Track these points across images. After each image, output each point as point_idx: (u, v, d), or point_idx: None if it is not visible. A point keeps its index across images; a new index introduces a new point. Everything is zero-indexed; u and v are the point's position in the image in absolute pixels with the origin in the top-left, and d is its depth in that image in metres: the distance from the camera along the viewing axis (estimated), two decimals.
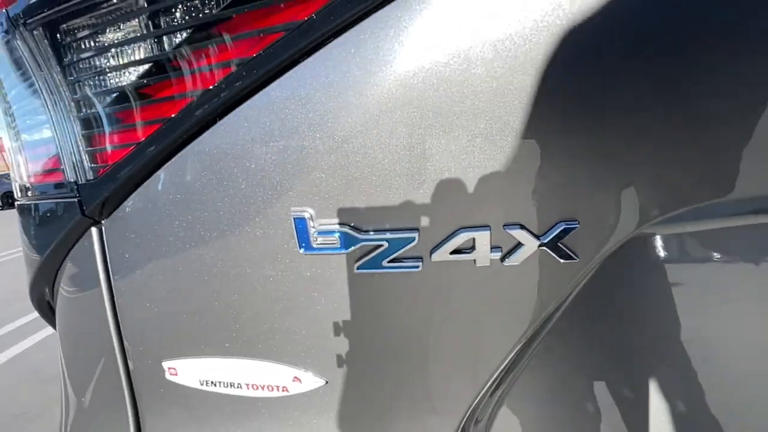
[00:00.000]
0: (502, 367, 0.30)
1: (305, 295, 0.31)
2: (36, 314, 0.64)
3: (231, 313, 0.33)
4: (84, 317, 0.41)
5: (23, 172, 0.41)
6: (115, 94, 0.32)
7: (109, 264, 0.35)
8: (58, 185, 0.35)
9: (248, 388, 0.34)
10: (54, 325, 0.55)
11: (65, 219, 0.36)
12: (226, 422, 0.35)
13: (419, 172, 0.26)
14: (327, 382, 0.32)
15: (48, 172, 0.37)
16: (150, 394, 0.37)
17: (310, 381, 0.32)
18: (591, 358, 0.32)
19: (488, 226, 0.27)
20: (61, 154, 0.33)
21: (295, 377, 0.32)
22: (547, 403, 0.32)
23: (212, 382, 0.34)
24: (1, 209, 14.69)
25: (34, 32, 0.31)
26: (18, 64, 0.34)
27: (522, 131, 0.25)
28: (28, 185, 0.41)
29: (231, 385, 0.34)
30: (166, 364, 0.35)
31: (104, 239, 0.34)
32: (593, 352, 0.31)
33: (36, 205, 0.40)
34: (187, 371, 0.35)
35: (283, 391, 0.33)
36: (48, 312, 0.53)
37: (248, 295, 0.32)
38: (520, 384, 0.33)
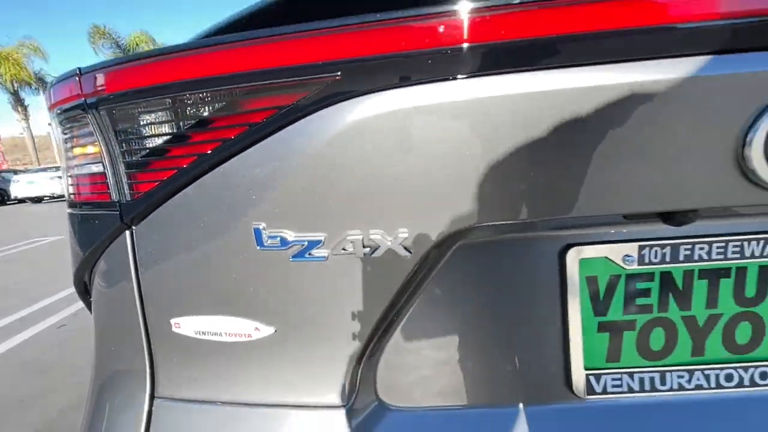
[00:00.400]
0: (378, 321, 0.49)
1: (262, 275, 0.49)
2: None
3: (215, 287, 0.51)
4: (116, 292, 0.59)
5: (79, 191, 0.59)
6: (147, 151, 0.51)
7: (136, 255, 0.53)
8: (106, 204, 0.53)
9: (226, 335, 0.52)
10: (88, 304, 0.73)
11: (108, 225, 0.54)
12: (211, 360, 0.53)
13: (323, 203, 0.45)
14: (276, 331, 0.51)
15: (99, 194, 0.56)
16: (160, 343, 0.56)
17: (265, 330, 0.51)
18: (429, 317, 0.52)
19: (361, 232, 0.45)
20: (110, 184, 0.52)
21: (256, 327, 0.51)
22: (406, 345, 0.52)
23: (202, 332, 0.52)
24: None
25: (101, 111, 0.49)
26: (82, 127, 0.53)
27: (375, 180, 0.43)
28: (81, 202, 0.59)
29: (214, 334, 0.52)
30: (173, 321, 0.53)
31: (134, 239, 0.53)
32: (430, 312, 0.52)
33: (87, 215, 0.59)
34: (187, 325, 0.53)
35: (248, 337, 0.51)
36: (84, 293, 0.71)
37: (227, 275, 0.50)
38: (391, 332, 0.52)
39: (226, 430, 0.53)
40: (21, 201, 15.27)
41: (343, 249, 0.45)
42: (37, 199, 15.06)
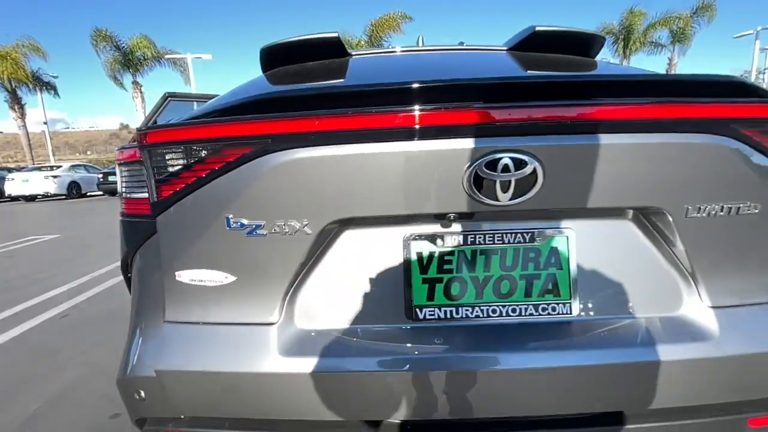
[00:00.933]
0: (295, 273, 0.86)
1: (229, 245, 0.85)
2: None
3: (202, 251, 0.86)
4: (148, 257, 0.95)
5: (131, 208, 0.96)
6: (167, 174, 0.88)
7: (159, 234, 0.90)
8: (146, 215, 0.90)
9: (207, 281, 0.88)
10: (128, 280, 1.08)
11: (146, 222, 0.91)
12: (198, 297, 0.89)
13: (263, 204, 0.82)
14: (237, 279, 0.87)
15: (143, 207, 0.93)
16: (169, 288, 0.92)
17: (230, 278, 0.87)
18: (327, 273, 0.89)
19: (284, 221, 0.82)
20: (150, 192, 0.89)
21: (225, 276, 0.87)
22: (313, 289, 0.89)
23: (193, 279, 0.88)
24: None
25: (148, 149, 0.86)
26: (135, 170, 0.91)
27: (289, 193, 0.82)
28: (132, 214, 0.96)
29: (200, 281, 0.88)
30: (176, 273, 0.89)
31: (157, 225, 0.89)
32: (327, 270, 0.89)
33: (134, 221, 0.96)
34: (184, 276, 0.89)
35: (220, 282, 0.87)
36: (126, 272, 1.06)
37: (209, 244, 0.85)
38: (304, 281, 0.90)
39: (208, 341, 0.89)
40: (14, 199, 15.39)
41: (274, 230, 0.82)
42: (31, 198, 15.21)
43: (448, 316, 0.89)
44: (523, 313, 0.88)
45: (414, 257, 0.88)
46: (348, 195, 0.80)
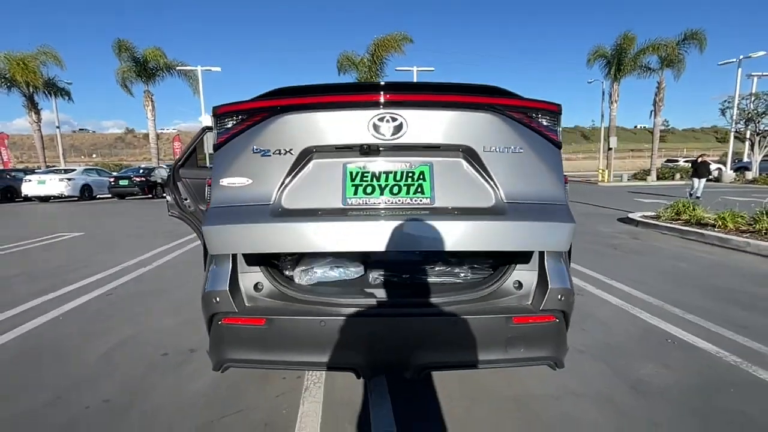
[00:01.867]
0: (284, 178, 1.64)
1: (251, 162, 1.61)
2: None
3: (235, 166, 1.58)
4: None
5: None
6: (223, 129, 1.67)
7: (214, 161, 1.71)
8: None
9: (237, 183, 1.58)
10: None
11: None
12: (229, 193, 1.59)
13: (276, 143, 1.63)
14: (252, 181, 1.69)
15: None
16: (215, 187, 1.69)
17: (249, 180, 1.61)
18: (304, 180, 1.69)
19: (282, 147, 1.60)
20: (214, 137, 1.72)
21: (247, 179, 1.62)
22: (293, 190, 1.67)
23: (230, 183, 1.64)
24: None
25: (215, 116, 1.66)
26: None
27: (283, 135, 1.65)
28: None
29: (232, 184, 1.62)
30: (220, 180, 1.67)
31: (214, 158, 1.70)
32: (305, 178, 1.67)
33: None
34: (225, 181, 1.62)
35: (243, 184, 1.60)
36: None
37: (239, 162, 1.59)
38: (289, 182, 1.66)
39: (236, 213, 1.60)
40: (27, 199, 16.19)
41: (276, 153, 1.57)
42: (45, 199, 16.00)
43: (364, 203, 1.61)
44: (404, 203, 1.60)
45: (348, 173, 1.62)
46: (313, 135, 1.57)
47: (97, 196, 17.25)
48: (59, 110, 23.67)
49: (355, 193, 1.59)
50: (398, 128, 1.55)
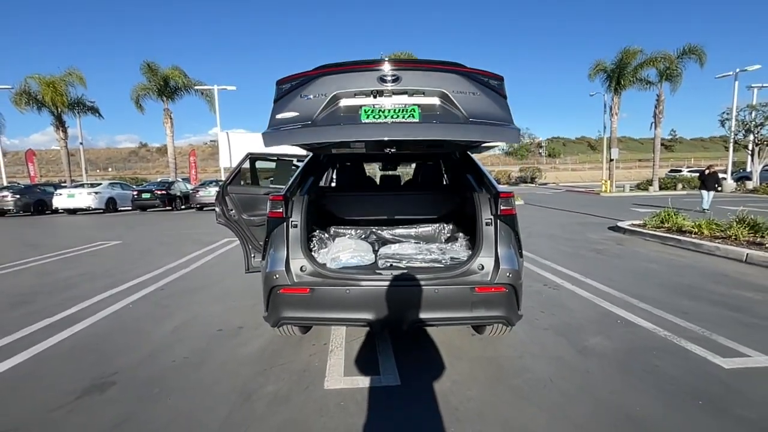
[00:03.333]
0: (319, 111, 2.45)
1: (300, 103, 2.28)
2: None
3: (289, 107, 2.31)
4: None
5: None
6: (280, 91, 2.47)
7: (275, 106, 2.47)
8: None
9: (290, 115, 2.32)
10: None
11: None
12: (284, 124, 2.36)
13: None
14: (299, 114, 2.43)
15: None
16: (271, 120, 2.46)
17: (297, 113, 2.33)
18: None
19: (318, 93, 2.36)
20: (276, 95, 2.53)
21: (295, 113, 2.36)
22: None
23: (284, 116, 2.40)
24: (31, 215, 17.14)
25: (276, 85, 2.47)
26: None
27: None
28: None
29: (289, 118, 2.31)
30: (276, 115, 2.44)
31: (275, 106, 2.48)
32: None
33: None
34: (280, 116, 2.38)
35: (294, 115, 2.35)
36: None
37: (291, 105, 2.29)
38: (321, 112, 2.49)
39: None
40: (55, 212, 17.29)
41: (315, 96, 2.29)
42: (73, 211, 17.10)
43: (378, 119, 2.26)
44: (402, 120, 2.22)
45: (363, 110, 2.28)
46: (341, 86, 2.25)
47: (120, 209, 18.33)
48: (74, 124, 25.04)
49: (368, 117, 2.22)
50: (396, 79, 2.22)
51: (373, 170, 8.49)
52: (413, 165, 4.59)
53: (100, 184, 18.33)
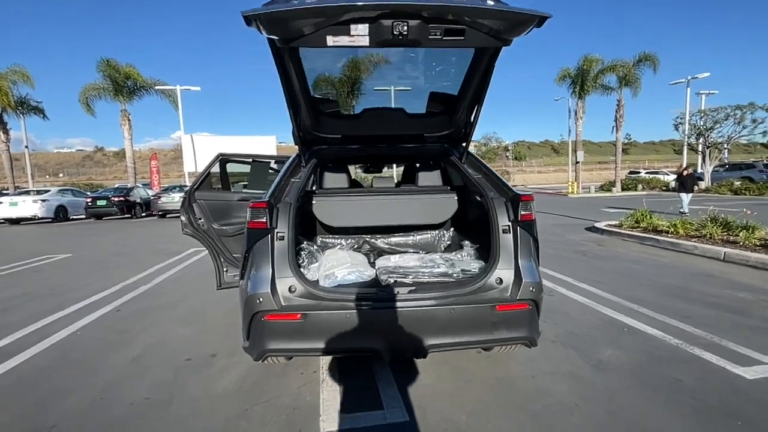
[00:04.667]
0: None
1: None
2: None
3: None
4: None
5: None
6: None
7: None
8: None
9: None
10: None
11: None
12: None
13: None
14: None
15: None
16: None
17: None
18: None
19: None
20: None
21: None
22: None
23: None
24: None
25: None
26: None
27: None
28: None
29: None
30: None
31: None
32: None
33: None
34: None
35: None
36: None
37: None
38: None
39: None
40: None
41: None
42: (16, 221, 15.51)
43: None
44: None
45: None
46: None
47: (72, 218, 16.84)
48: (19, 128, 22.96)
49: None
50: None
51: (359, 177, 8.18)
52: (400, 168, 4.31)
53: (48, 191, 16.76)
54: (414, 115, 2.66)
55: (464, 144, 2.84)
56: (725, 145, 23.80)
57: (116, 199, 16.16)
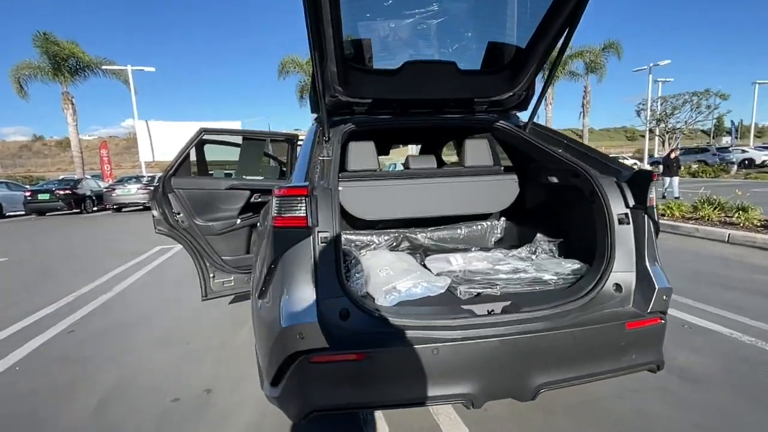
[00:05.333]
0: None
1: None
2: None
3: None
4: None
5: None
6: None
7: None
8: None
9: None
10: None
11: None
12: None
13: None
14: None
15: None
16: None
17: None
18: None
19: None
20: None
21: None
22: None
23: None
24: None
25: None
26: None
27: None
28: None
29: None
30: None
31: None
32: None
33: None
34: None
35: None
36: None
37: None
38: None
39: None
40: None
41: None
42: None
43: None
44: None
45: None
46: None
47: (8, 214, 14.84)
48: None
49: None
50: None
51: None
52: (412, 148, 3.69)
53: None
54: (466, 73, 2.06)
55: (520, 111, 2.30)
56: (683, 130, 24.97)
57: (62, 192, 14.36)
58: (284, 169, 3.48)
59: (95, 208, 15.38)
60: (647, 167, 25.67)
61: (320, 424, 1.88)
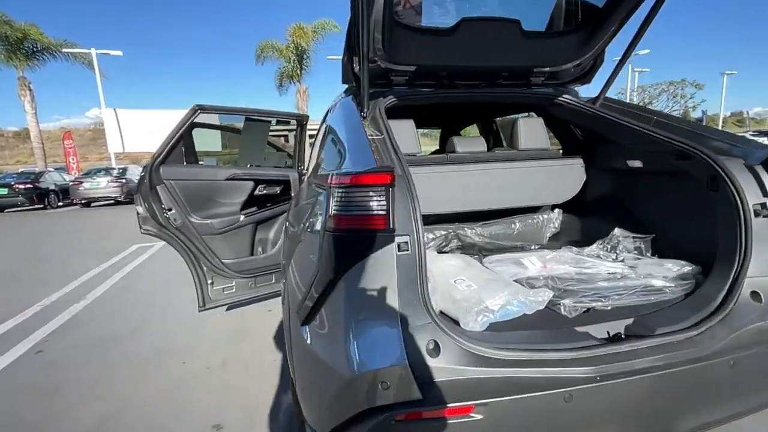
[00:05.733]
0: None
1: None
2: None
3: None
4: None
5: None
6: None
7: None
8: None
9: None
10: None
11: None
12: None
13: None
14: None
15: None
16: None
17: None
18: None
19: None
20: None
21: None
22: None
23: None
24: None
25: None
26: None
27: None
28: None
29: None
30: None
31: None
32: None
33: None
34: None
35: None
36: None
37: None
38: None
39: None
40: None
41: None
42: None
43: None
44: None
45: None
46: None
47: None
48: None
49: None
50: None
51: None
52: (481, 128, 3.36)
53: None
54: (530, 35, 1.68)
55: (582, 85, 1.96)
56: None
57: (22, 186, 13.21)
58: (290, 155, 3.02)
59: (60, 203, 14.28)
60: None
61: None
